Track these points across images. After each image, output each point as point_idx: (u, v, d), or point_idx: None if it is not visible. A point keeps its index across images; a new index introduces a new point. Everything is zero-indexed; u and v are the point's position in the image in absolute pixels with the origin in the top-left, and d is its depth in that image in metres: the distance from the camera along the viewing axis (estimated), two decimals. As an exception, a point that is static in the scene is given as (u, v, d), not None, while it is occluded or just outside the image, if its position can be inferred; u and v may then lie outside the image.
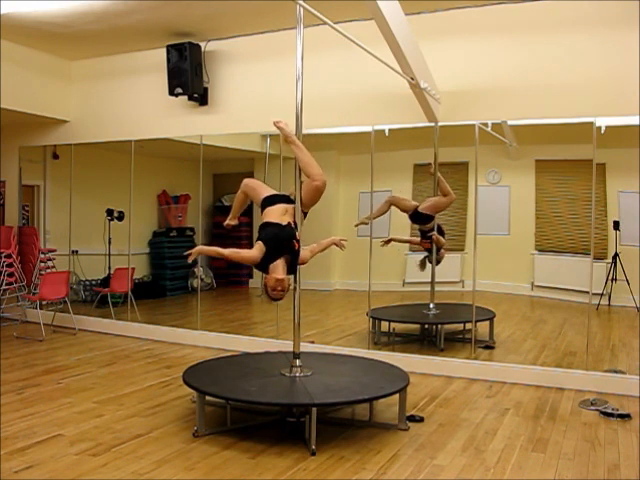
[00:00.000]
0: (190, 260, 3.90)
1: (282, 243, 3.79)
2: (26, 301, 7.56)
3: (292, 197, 4.07)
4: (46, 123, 7.60)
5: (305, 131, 4.12)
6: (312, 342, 5.83)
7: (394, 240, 6.53)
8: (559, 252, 6.32)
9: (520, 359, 5.44)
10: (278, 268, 3.75)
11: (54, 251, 7.90)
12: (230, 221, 4.48)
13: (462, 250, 6.63)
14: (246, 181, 4.31)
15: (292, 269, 3.89)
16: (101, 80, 7.41)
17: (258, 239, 3.83)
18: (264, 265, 3.78)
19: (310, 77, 5.99)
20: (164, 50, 6.52)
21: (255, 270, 3.95)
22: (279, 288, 3.74)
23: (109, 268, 8.01)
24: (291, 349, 4.21)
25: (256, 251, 3.75)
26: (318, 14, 3.59)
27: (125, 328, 7.12)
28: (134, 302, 7.41)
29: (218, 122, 6.64)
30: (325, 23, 3.70)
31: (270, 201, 4.03)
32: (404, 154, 6.80)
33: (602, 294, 5.89)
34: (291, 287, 3.89)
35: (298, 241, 3.87)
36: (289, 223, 3.90)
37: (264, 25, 6.11)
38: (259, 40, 6.36)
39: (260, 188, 4.20)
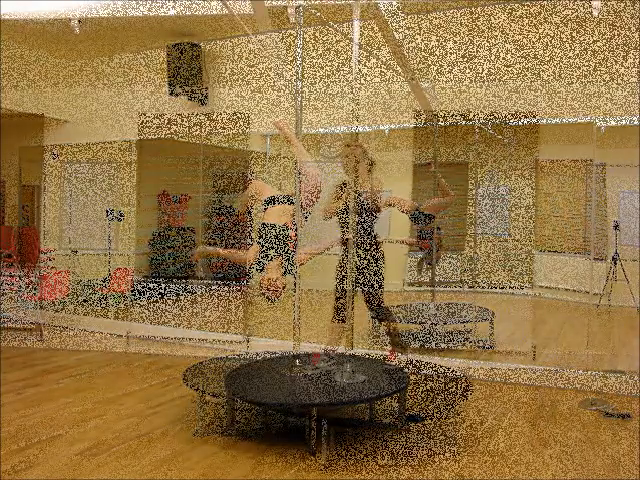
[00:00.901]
0: (196, 261, 4.05)
1: (275, 244, 3.83)
2: (26, 301, 7.55)
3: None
4: (46, 123, 7.60)
5: (305, 131, 4.13)
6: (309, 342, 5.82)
7: (387, 241, 6.50)
8: (559, 252, 6.32)
9: (520, 359, 5.43)
10: (271, 268, 3.82)
11: (54, 251, 7.90)
12: (240, 209, 4.73)
13: (462, 250, 6.62)
14: (253, 183, 4.49)
15: (288, 269, 3.92)
16: (101, 80, 7.42)
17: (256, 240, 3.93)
18: (260, 265, 3.88)
19: (310, 77, 6.02)
20: (164, 50, 6.52)
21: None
22: (272, 288, 3.82)
23: (109, 268, 8.01)
24: (291, 349, 4.21)
25: (251, 252, 3.93)
26: (319, 15, 3.59)
27: (125, 328, 7.10)
28: (134, 302, 7.41)
29: (218, 122, 6.64)
30: (325, 23, 3.70)
31: (271, 202, 4.07)
32: (404, 154, 6.80)
33: (602, 294, 5.88)
34: (288, 288, 3.92)
35: (293, 242, 3.89)
36: (285, 224, 3.93)
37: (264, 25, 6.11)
38: (259, 40, 6.37)
39: (264, 190, 4.29)
